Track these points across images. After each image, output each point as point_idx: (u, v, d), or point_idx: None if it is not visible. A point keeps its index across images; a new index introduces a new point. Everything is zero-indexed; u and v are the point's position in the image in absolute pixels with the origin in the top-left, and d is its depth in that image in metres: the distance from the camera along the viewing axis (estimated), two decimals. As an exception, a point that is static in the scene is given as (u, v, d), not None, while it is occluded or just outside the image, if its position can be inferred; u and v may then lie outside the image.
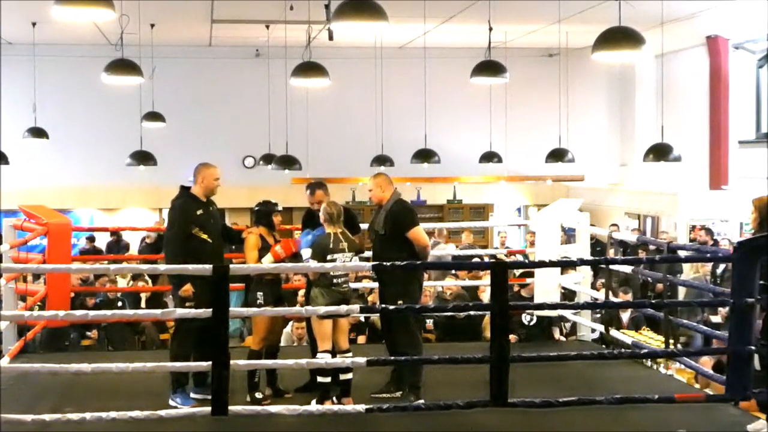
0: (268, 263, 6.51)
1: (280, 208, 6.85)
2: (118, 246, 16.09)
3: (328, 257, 6.32)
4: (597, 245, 13.09)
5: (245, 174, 18.97)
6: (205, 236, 6.59)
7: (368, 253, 7.03)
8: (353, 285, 9.98)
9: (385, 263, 6.33)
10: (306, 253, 6.44)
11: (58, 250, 8.09)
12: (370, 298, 10.49)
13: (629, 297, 10.79)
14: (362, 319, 10.29)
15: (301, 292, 9.95)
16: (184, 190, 6.72)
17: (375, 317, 9.69)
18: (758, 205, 6.22)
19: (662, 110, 12.58)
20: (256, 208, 6.84)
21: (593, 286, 9.60)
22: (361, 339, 9.98)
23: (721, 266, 11.92)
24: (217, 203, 6.94)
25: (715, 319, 11.08)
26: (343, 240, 6.43)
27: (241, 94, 18.61)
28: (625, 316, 10.14)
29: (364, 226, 7.48)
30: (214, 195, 6.79)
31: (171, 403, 6.26)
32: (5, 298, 7.95)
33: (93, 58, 14.34)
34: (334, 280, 6.33)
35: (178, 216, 6.62)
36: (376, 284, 10.65)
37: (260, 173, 18.27)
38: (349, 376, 6.36)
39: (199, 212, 6.60)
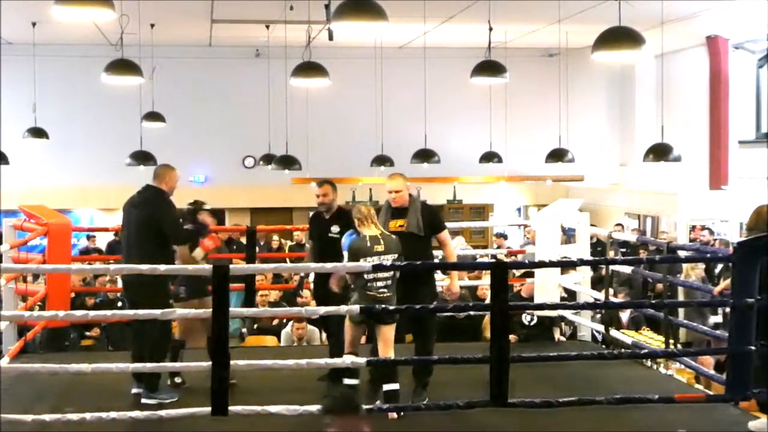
0: (199, 256, 6.80)
1: (207, 206, 7.12)
2: (120, 246, 16.09)
3: (361, 260, 6.04)
4: (598, 245, 13.09)
5: (245, 174, 19.00)
6: None
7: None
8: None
9: (383, 264, 6.32)
10: (345, 255, 6.28)
11: (58, 250, 8.09)
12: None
13: (623, 295, 10.80)
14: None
15: (306, 293, 9.94)
16: (160, 190, 6.67)
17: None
18: (758, 211, 6.29)
19: (662, 110, 12.58)
20: (187, 207, 7.07)
21: (594, 286, 9.60)
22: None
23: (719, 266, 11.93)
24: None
25: (715, 319, 11.07)
26: (380, 242, 6.15)
27: (241, 94, 18.63)
28: (625, 316, 10.13)
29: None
30: None
31: (149, 402, 6.25)
32: (5, 298, 7.96)
33: (93, 58, 14.35)
34: (368, 284, 6.03)
35: (175, 216, 6.64)
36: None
37: (260, 173, 18.28)
38: (394, 386, 6.09)
39: None
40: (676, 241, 13.69)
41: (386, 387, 6.04)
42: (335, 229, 7.09)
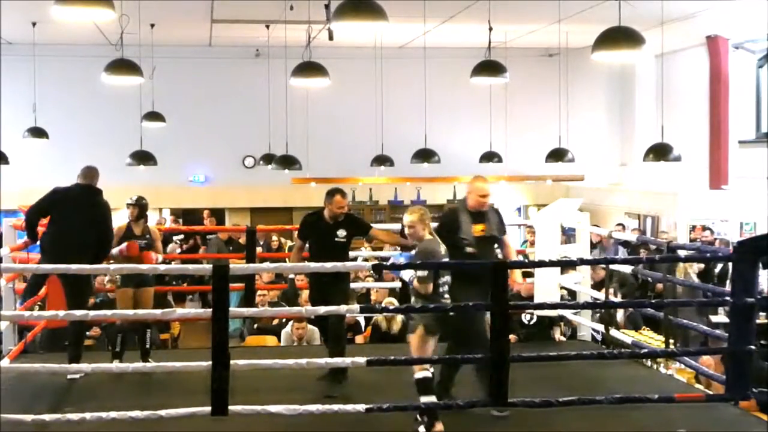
0: (116, 252, 7.49)
1: (128, 202, 7.75)
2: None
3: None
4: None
5: (245, 174, 18.99)
6: None
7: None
8: (355, 285, 10.01)
9: (385, 263, 6.33)
10: (407, 274, 5.84)
11: (57, 250, 8.07)
12: (383, 299, 10.41)
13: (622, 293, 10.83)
14: (361, 319, 10.29)
15: (304, 294, 9.95)
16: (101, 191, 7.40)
17: (379, 317, 9.71)
18: None
19: (662, 110, 12.57)
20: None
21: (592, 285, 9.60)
22: (359, 339, 9.99)
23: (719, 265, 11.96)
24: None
25: (715, 318, 11.09)
26: (442, 244, 5.96)
27: (241, 94, 18.62)
28: (620, 313, 10.12)
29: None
30: None
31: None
32: (5, 298, 7.96)
33: (93, 58, 14.33)
34: (440, 289, 5.80)
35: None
36: (376, 284, 10.70)
37: (260, 173, 18.28)
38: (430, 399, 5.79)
39: None
40: (676, 241, 13.68)
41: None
42: (342, 233, 7.10)
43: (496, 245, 6.73)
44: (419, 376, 5.80)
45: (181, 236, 16.93)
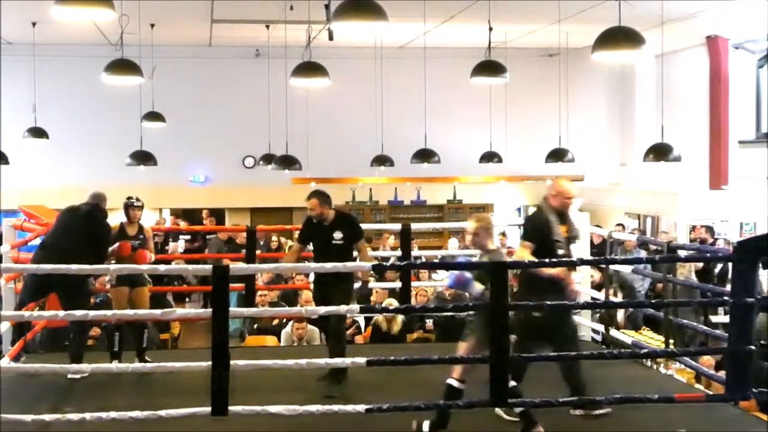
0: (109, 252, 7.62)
1: (136, 204, 7.86)
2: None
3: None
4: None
5: (245, 174, 18.99)
6: None
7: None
8: (356, 285, 10.00)
9: (383, 264, 6.33)
10: (477, 287, 5.71)
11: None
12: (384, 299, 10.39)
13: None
14: (360, 319, 10.30)
15: (305, 294, 9.95)
16: (106, 213, 7.64)
17: (379, 317, 9.71)
18: None
19: (662, 110, 12.57)
20: (123, 202, 7.93)
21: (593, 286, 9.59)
22: (359, 339, 9.99)
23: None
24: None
25: (716, 318, 11.08)
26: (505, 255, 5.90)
27: (241, 94, 18.62)
28: (620, 313, 10.11)
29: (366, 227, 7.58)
30: None
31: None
32: (5, 298, 7.97)
33: (93, 58, 14.34)
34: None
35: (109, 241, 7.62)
36: (376, 285, 10.69)
37: (260, 173, 18.28)
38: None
39: None
40: (676, 241, 13.67)
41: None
42: (338, 235, 7.12)
43: None
44: (453, 384, 5.78)
45: (188, 237, 16.97)
